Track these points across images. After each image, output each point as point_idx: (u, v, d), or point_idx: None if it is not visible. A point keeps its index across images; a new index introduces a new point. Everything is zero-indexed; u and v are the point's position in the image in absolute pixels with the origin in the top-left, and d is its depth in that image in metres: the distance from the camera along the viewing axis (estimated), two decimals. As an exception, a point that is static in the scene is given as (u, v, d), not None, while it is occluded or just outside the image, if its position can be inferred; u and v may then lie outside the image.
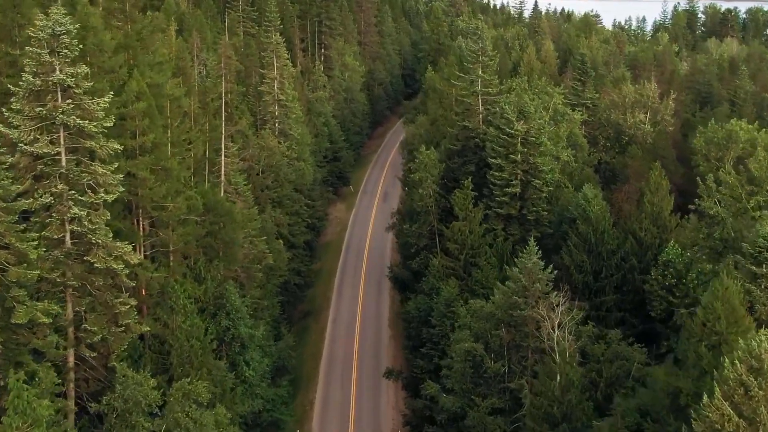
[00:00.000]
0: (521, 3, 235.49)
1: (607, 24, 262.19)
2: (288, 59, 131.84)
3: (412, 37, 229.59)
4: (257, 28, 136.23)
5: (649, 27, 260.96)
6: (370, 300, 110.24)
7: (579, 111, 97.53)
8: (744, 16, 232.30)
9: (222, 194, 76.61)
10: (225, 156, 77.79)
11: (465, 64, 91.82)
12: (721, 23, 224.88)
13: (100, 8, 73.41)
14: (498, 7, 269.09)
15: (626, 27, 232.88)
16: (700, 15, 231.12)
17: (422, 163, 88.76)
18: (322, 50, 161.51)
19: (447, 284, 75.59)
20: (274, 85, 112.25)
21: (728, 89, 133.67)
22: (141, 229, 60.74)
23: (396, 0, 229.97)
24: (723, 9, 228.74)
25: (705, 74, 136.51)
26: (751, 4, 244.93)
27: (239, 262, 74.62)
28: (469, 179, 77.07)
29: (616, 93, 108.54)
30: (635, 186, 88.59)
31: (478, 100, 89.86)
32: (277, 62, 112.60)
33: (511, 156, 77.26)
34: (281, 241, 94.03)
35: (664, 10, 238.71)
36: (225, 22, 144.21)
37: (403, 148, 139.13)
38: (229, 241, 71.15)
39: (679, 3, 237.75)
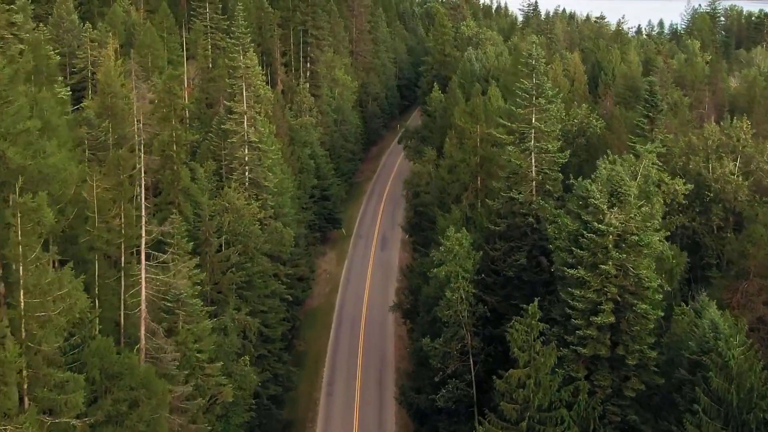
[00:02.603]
0: (530, 5, 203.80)
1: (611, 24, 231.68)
2: (264, 82, 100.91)
3: (407, 42, 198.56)
4: (228, 41, 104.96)
5: (658, 30, 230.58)
6: (369, 404, 79.92)
7: (678, 178, 66.42)
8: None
9: (142, 335, 45.56)
10: (147, 270, 46.50)
11: (512, 107, 61.01)
12: (756, 28, 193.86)
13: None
14: (498, 8, 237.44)
15: (650, 32, 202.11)
16: (721, 18, 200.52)
17: (450, 252, 58.19)
18: (308, 64, 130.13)
19: (503, 475, 45.15)
20: (243, 122, 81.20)
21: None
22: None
23: (390, 2, 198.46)
24: (756, 12, 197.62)
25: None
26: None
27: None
28: (535, 303, 46.34)
29: (696, 134, 78.15)
30: (759, 283, 58.45)
31: (531, 160, 59.14)
32: (246, 91, 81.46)
33: (601, 265, 46.60)
34: (247, 357, 63.24)
35: (686, 11, 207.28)
36: (189, 34, 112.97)
37: (407, 190, 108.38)
38: (149, 428, 40.41)
39: (700, 5, 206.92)
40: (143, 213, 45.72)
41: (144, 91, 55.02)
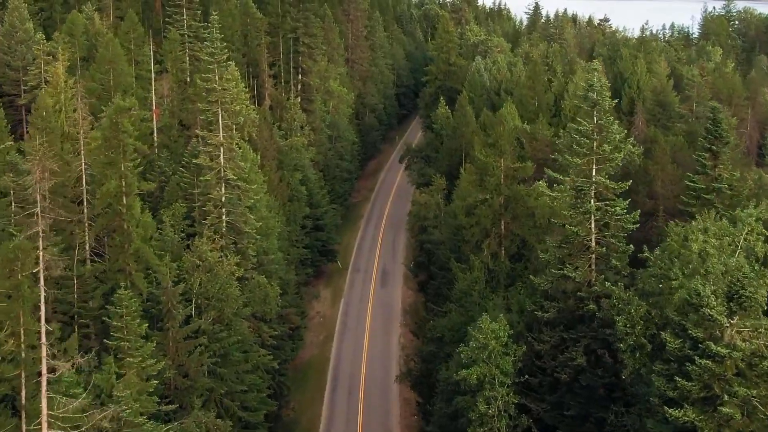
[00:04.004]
0: (534, 8, 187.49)
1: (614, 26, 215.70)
2: (250, 97, 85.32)
3: (406, 47, 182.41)
4: (203, 57, 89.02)
5: (660, 32, 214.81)
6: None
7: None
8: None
9: None
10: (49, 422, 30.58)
11: (566, 157, 45.20)
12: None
13: None
14: (499, 11, 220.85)
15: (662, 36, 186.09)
16: (735, 22, 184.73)
17: (483, 350, 42.65)
18: (299, 76, 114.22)
19: None
20: (219, 156, 65.50)
21: None
22: None
23: (387, 5, 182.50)
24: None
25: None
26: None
27: None
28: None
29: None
30: None
31: (591, 226, 43.58)
32: (223, 118, 65.68)
33: (721, 408, 31.13)
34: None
35: (702, 13, 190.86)
36: (164, 44, 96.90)
37: (412, 224, 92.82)
38: None
39: (714, 7, 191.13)
40: (43, 338, 29.88)
41: (45, 162, 37.99)
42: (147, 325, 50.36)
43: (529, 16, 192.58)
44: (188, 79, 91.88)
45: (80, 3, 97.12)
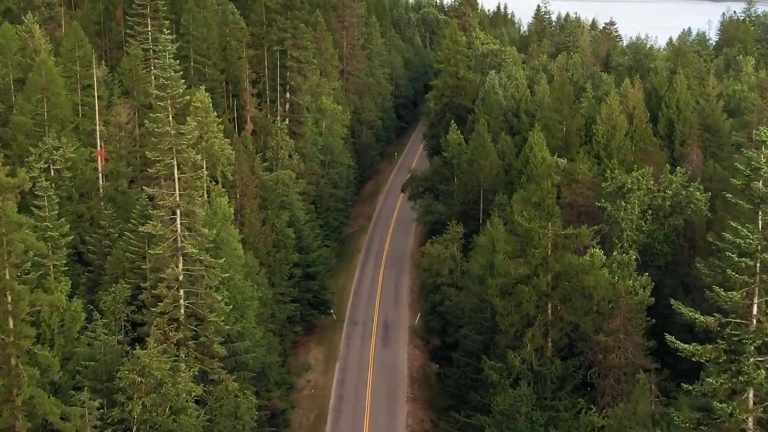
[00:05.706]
0: (538, 11, 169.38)
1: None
2: (221, 135, 67.50)
3: (404, 54, 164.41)
4: (153, 90, 70.90)
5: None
6: None
7: None
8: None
9: None
10: None
11: (715, 290, 27.25)
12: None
13: None
14: (500, 12, 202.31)
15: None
16: (753, 26, 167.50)
17: None
18: (287, 94, 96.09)
19: None
20: (175, 222, 47.71)
21: None
22: None
23: (384, 9, 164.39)
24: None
25: None
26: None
27: None
28: None
29: None
30: None
31: (748, 397, 25.85)
32: (180, 171, 47.83)
33: None
34: None
35: (725, 16, 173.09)
36: (125, 60, 78.79)
37: (422, 281, 75.17)
38: None
39: (735, 12, 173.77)
40: None
41: None
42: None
43: (534, 20, 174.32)
44: (152, 104, 74.00)
45: (25, 12, 78.95)
